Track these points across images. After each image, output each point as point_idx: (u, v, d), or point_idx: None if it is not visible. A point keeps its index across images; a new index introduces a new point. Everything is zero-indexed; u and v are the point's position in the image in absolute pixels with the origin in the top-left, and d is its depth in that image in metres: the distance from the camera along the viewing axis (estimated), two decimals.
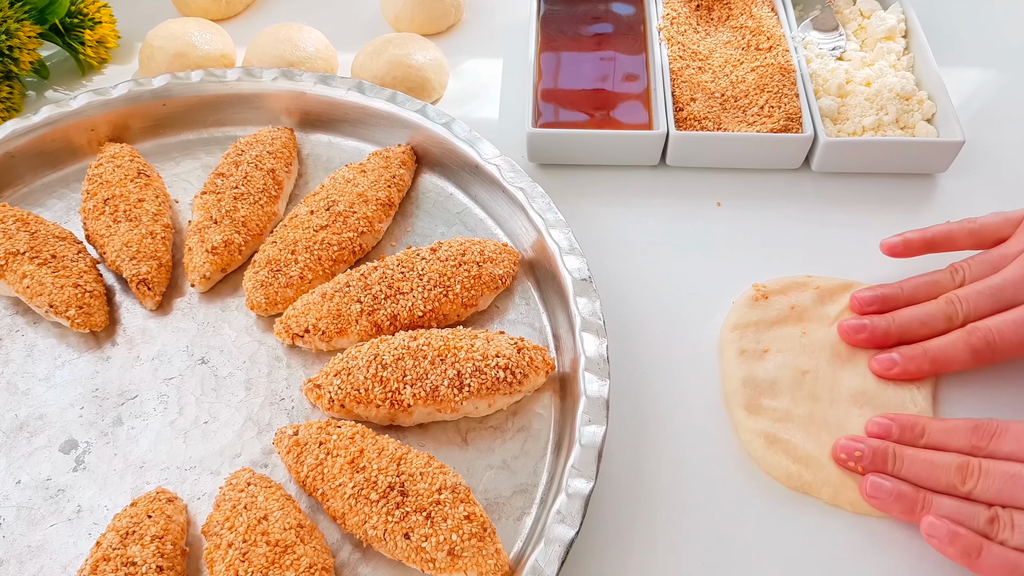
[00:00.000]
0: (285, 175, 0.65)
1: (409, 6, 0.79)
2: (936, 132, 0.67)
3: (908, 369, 0.54)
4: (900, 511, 0.48)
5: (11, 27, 0.72)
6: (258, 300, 0.58)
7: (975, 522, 0.46)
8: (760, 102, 0.68)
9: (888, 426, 0.51)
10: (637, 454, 0.54)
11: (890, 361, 0.54)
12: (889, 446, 0.50)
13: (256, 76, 0.69)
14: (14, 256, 0.58)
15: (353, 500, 0.47)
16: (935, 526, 0.46)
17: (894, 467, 0.49)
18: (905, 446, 0.50)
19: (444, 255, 0.58)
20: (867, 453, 0.50)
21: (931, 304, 0.55)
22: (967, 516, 0.46)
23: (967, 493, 0.47)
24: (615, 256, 0.64)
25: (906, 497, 0.48)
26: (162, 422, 0.55)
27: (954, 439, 0.49)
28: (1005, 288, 0.53)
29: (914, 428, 0.50)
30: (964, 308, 0.54)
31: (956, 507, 0.47)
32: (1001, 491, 0.46)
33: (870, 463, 0.50)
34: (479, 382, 0.52)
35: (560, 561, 0.45)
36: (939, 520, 0.46)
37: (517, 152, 0.69)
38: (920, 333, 0.55)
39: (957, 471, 0.47)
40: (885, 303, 0.57)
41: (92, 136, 0.68)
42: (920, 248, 0.59)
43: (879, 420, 0.51)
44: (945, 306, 0.54)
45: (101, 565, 0.46)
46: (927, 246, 0.58)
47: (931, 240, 0.58)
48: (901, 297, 0.57)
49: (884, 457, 0.50)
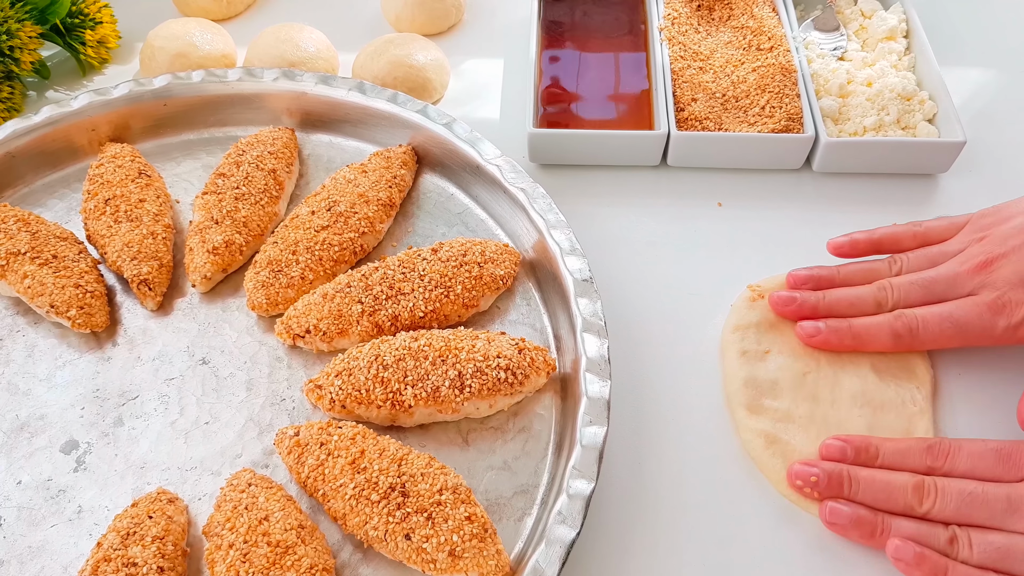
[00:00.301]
0: (286, 175, 0.65)
1: (410, 6, 0.79)
2: (937, 132, 0.67)
3: (830, 340, 0.55)
4: (860, 536, 0.48)
5: (12, 27, 0.72)
6: (259, 300, 0.58)
7: (935, 542, 0.46)
8: (761, 102, 0.68)
9: (843, 448, 0.50)
10: (638, 455, 0.54)
11: (815, 329, 0.55)
12: (844, 469, 0.49)
13: (257, 76, 0.69)
14: (15, 256, 0.58)
15: (354, 501, 0.47)
16: (902, 549, 0.46)
17: (850, 491, 0.49)
18: (860, 467, 0.50)
19: (445, 256, 0.58)
20: (822, 478, 0.49)
21: (863, 288, 0.56)
22: (927, 537, 0.46)
23: (924, 513, 0.47)
24: (616, 256, 0.64)
25: (865, 521, 0.48)
26: (163, 423, 0.55)
27: (909, 460, 0.49)
28: (937, 282, 0.54)
29: (868, 449, 0.50)
30: (895, 295, 0.55)
31: (915, 528, 0.47)
32: (958, 510, 0.46)
33: (826, 487, 0.49)
34: (480, 383, 0.51)
35: (561, 562, 0.45)
36: (905, 543, 0.46)
37: (518, 152, 0.69)
38: (848, 313, 0.56)
39: (914, 491, 0.47)
40: (820, 282, 0.58)
41: (93, 136, 0.68)
42: (866, 248, 0.59)
43: (832, 443, 0.51)
44: (876, 291, 0.56)
45: (102, 566, 0.46)
46: (873, 247, 0.59)
47: (877, 241, 0.59)
48: (837, 279, 0.58)
49: (840, 481, 0.49)
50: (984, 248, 0.54)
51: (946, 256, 0.56)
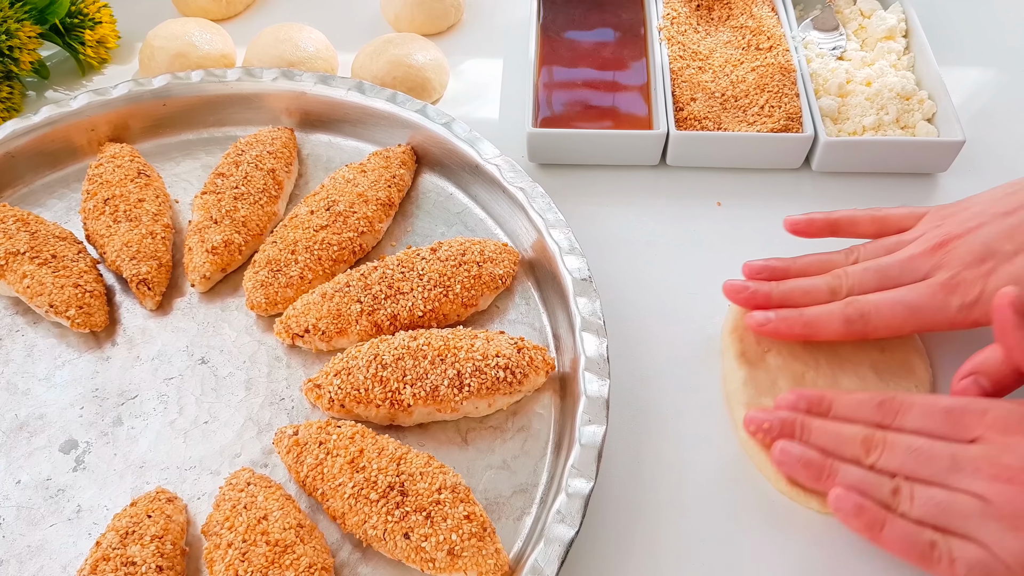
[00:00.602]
0: (285, 175, 0.65)
1: (409, 6, 0.79)
2: (937, 132, 0.67)
3: (780, 328, 0.54)
4: (807, 477, 0.48)
5: (11, 27, 0.72)
6: (258, 300, 0.58)
7: (879, 492, 0.46)
8: (760, 102, 0.68)
9: (796, 400, 0.51)
10: (637, 454, 0.54)
11: (765, 318, 0.54)
12: (797, 417, 0.50)
13: (256, 76, 0.69)
14: (14, 256, 0.58)
15: (353, 500, 0.47)
16: (842, 498, 0.46)
17: (801, 437, 0.49)
18: (814, 418, 0.50)
19: (444, 255, 0.58)
20: (775, 424, 0.50)
21: (817, 277, 0.56)
22: (872, 485, 0.47)
23: (871, 464, 0.47)
24: (615, 256, 0.64)
25: (813, 463, 0.48)
26: (162, 422, 0.55)
27: (860, 413, 0.49)
28: (892, 267, 0.53)
29: (821, 402, 0.51)
30: (849, 282, 0.54)
31: (862, 476, 0.47)
32: (904, 464, 0.46)
33: (778, 434, 0.50)
34: (479, 382, 0.51)
35: (560, 561, 0.45)
36: (846, 493, 0.46)
37: (517, 152, 0.69)
38: (802, 302, 0.55)
39: (862, 443, 0.48)
40: (774, 273, 0.57)
41: (92, 136, 0.68)
42: (822, 229, 0.58)
43: (787, 395, 0.51)
44: (831, 279, 0.55)
45: (101, 565, 0.46)
46: (830, 228, 0.58)
47: (834, 223, 0.58)
48: (792, 269, 0.57)
49: (792, 428, 0.50)
50: (940, 231, 0.53)
51: (902, 245, 0.55)
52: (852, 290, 0.54)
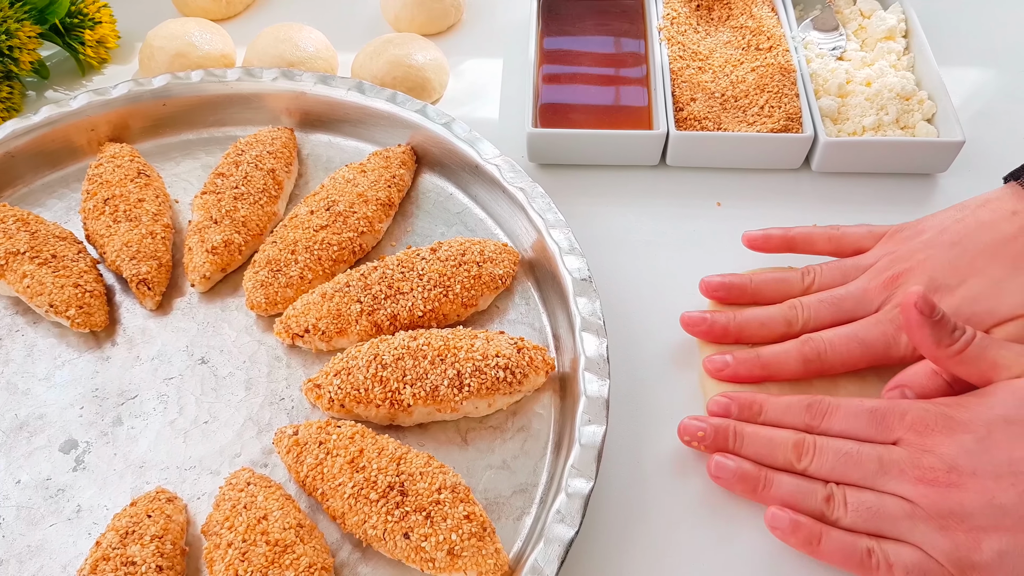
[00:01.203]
0: (285, 175, 0.65)
1: (409, 6, 0.79)
2: (936, 132, 0.67)
3: (739, 372, 0.54)
4: (743, 490, 0.49)
5: (11, 27, 0.72)
6: (258, 300, 0.58)
7: (813, 500, 0.47)
8: (760, 102, 0.68)
9: (727, 405, 0.51)
10: (637, 454, 0.54)
11: (723, 362, 0.54)
12: (730, 424, 0.51)
13: (256, 76, 0.69)
14: (14, 256, 0.58)
15: (353, 500, 0.47)
16: (778, 517, 0.47)
17: (735, 444, 0.50)
18: (746, 423, 0.51)
19: (444, 255, 0.58)
20: (709, 432, 0.51)
21: (773, 308, 0.56)
22: (805, 494, 0.47)
23: (803, 470, 0.48)
24: (615, 256, 0.64)
25: (748, 476, 0.49)
26: (162, 422, 0.55)
27: (789, 417, 0.50)
28: (846, 300, 0.54)
29: (752, 406, 0.51)
30: (804, 315, 0.54)
31: (795, 485, 0.48)
32: (834, 468, 0.47)
33: (712, 442, 0.51)
34: (479, 382, 0.52)
35: (560, 561, 0.45)
36: (781, 511, 0.47)
37: (517, 152, 0.69)
38: (759, 334, 0.55)
39: (794, 448, 0.48)
40: (730, 291, 0.57)
41: (92, 136, 0.68)
42: (779, 246, 0.59)
43: (718, 399, 0.52)
44: (787, 310, 0.55)
45: (101, 565, 0.46)
46: (786, 245, 0.59)
47: (791, 240, 0.59)
48: (748, 288, 0.57)
49: (725, 436, 0.50)
50: (892, 263, 0.54)
51: (859, 270, 0.55)
52: (807, 323, 0.54)
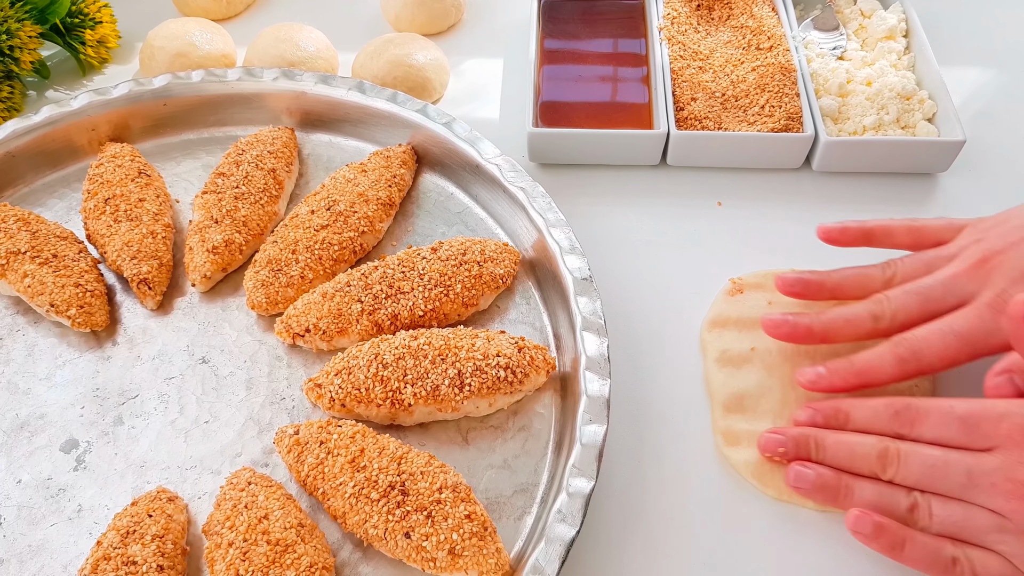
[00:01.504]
0: (286, 175, 0.65)
1: (409, 6, 0.79)
2: (937, 131, 0.67)
3: (834, 382, 0.51)
4: (824, 499, 0.48)
5: (12, 27, 0.72)
6: (259, 300, 0.58)
7: (897, 508, 0.46)
8: (761, 102, 0.68)
9: (812, 415, 0.50)
10: (638, 453, 0.54)
11: (816, 374, 0.52)
12: (811, 434, 0.49)
13: (257, 76, 0.69)
14: (15, 255, 0.58)
15: (354, 499, 0.47)
16: (861, 521, 0.45)
17: (817, 454, 0.49)
18: (829, 432, 0.49)
19: (445, 255, 0.58)
20: (790, 446, 0.50)
21: (857, 305, 0.53)
22: (889, 502, 0.46)
23: (889, 479, 0.47)
24: (616, 255, 0.64)
25: (828, 485, 0.48)
26: (163, 421, 0.55)
27: (876, 424, 0.48)
28: (934, 289, 0.51)
29: (837, 415, 0.50)
30: (891, 308, 0.52)
31: (878, 493, 0.46)
32: (920, 479, 0.46)
33: (794, 455, 0.50)
34: (480, 381, 0.52)
35: (561, 560, 0.45)
36: (864, 514, 0.45)
37: (518, 152, 0.69)
38: (845, 332, 0.53)
39: (878, 459, 0.47)
40: (808, 287, 0.55)
41: (93, 136, 0.68)
42: (856, 238, 0.57)
43: (802, 412, 0.51)
44: (872, 306, 0.52)
45: (102, 564, 0.46)
46: (864, 237, 0.57)
47: (869, 232, 0.57)
48: (827, 284, 0.55)
49: (807, 446, 0.49)
50: (981, 247, 0.51)
51: (944, 260, 0.52)
52: (895, 316, 0.51)
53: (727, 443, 0.53)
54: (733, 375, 0.55)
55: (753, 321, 0.58)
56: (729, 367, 0.56)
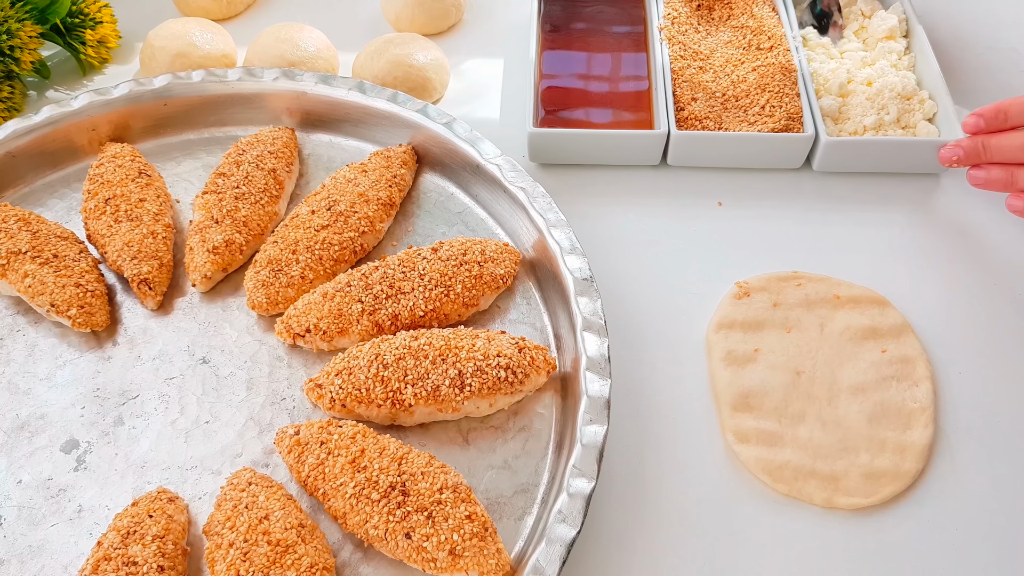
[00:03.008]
0: (286, 175, 0.65)
1: (410, 6, 0.79)
2: (937, 131, 0.67)
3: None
4: (998, 188, 0.59)
5: (12, 27, 0.72)
6: (259, 300, 0.58)
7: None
8: (761, 102, 0.68)
9: (976, 121, 0.59)
10: (638, 453, 0.54)
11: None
12: (978, 142, 0.59)
13: (257, 76, 0.69)
14: (16, 255, 0.58)
15: (354, 500, 0.47)
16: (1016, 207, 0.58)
17: (985, 157, 0.59)
18: (992, 136, 0.59)
19: (445, 255, 0.58)
20: (963, 155, 0.61)
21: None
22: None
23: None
24: (616, 256, 0.64)
25: (998, 180, 0.59)
26: (163, 422, 0.55)
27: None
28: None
29: (997, 115, 0.59)
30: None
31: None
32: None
33: (967, 160, 0.61)
34: (480, 382, 0.52)
35: (561, 561, 0.45)
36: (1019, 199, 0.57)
37: (518, 152, 0.69)
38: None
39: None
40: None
41: (93, 136, 0.68)
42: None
43: (967, 119, 0.60)
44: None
45: (102, 565, 0.46)
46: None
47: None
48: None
49: (977, 152, 0.60)
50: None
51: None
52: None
53: (738, 441, 0.53)
54: (738, 374, 0.56)
55: (758, 323, 0.58)
56: (734, 366, 0.56)
